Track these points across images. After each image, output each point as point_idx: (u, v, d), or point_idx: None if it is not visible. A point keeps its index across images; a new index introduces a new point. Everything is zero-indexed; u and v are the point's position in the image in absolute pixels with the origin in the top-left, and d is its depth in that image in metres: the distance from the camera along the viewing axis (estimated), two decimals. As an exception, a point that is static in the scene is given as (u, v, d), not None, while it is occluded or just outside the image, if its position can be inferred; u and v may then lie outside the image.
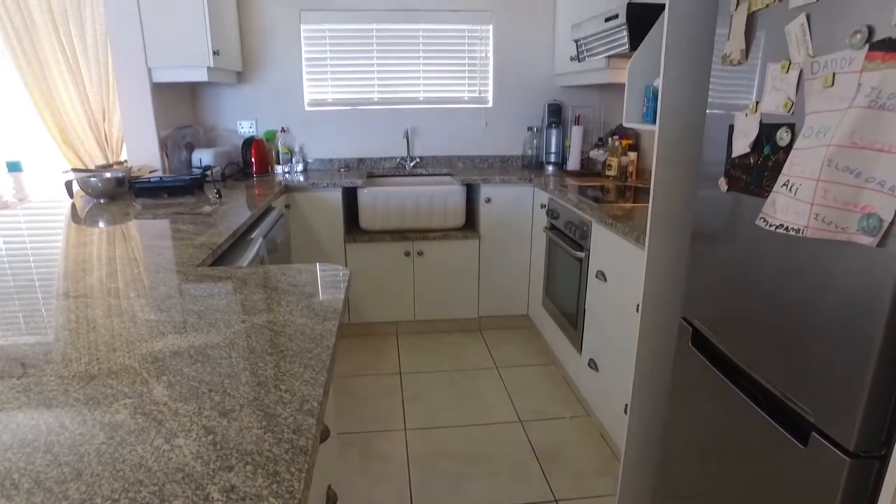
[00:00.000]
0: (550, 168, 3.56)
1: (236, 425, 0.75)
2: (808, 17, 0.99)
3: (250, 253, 1.97)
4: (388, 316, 3.30)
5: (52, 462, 0.67)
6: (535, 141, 3.62)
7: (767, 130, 1.11)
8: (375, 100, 3.61)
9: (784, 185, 1.01)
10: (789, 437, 1.07)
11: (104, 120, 3.35)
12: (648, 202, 1.60)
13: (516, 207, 3.21)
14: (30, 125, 3.46)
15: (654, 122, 2.08)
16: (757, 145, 1.14)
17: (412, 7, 3.46)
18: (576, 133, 3.41)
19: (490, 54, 3.61)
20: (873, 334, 0.89)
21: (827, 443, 0.99)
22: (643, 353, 1.71)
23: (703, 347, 1.40)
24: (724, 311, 1.30)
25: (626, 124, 2.23)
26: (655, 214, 1.60)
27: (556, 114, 3.54)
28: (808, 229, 0.95)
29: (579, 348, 2.52)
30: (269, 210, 2.62)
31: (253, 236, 2.18)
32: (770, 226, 1.04)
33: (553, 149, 3.56)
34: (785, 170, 1.02)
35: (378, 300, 3.27)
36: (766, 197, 1.09)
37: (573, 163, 3.43)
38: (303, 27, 3.43)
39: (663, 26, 1.56)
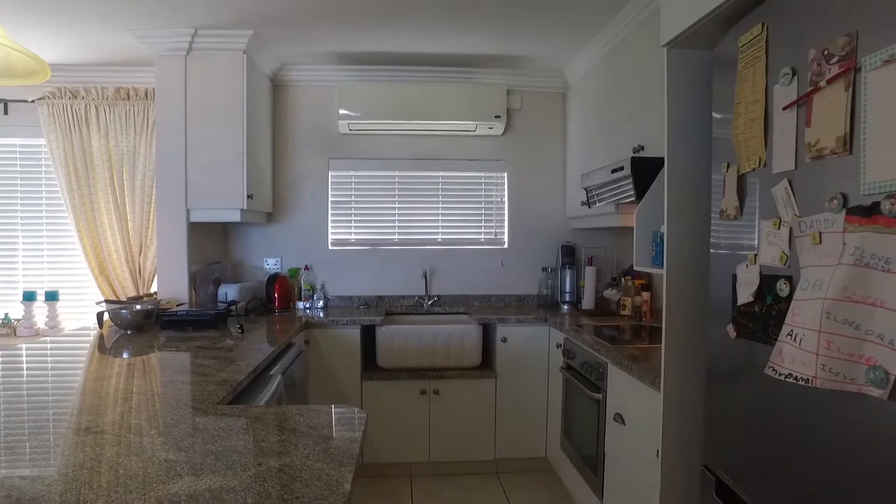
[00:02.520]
0: (566, 307, 3.61)
1: (247, 577, 0.74)
2: (790, 182, 1.10)
3: (269, 390, 1.99)
4: (403, 456, 3.19)
5: None
6: (549, 281, 3.73)
7: (768, 281, 1.17)
8: (396, 240, 3.80)
9: (788, 334, 1.05)
10: None
11: (140, 254, 3.55)
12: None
13: (532, 347, 3.22)
14: (70, 257, 3.67)
15: (662, 265, 2.16)
16: (759, 295, 1.19)
17: (432, 156, 3.77)
18: (589, 273, 3.51)
19: (505, 199, 3.85)
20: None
21: None
22: (667, 505, 1.63)
23: (730, 498, 1.34)
24: (747, 460, 1.27)
25: (636, 268, 2.31)
26: (669, 358, 1.62)
27: (569, 254, 3.68)
28: (817, 380, 0.97)
29: (600, 495, 2.39)
30: (289, 346, 2.67)
31: (272, 373, 2.21)
32: (779, 375, 1.06)
33: (568, 288, 3.64)
34: (788, 320, 1.06)
35: (393, 440, 3.18)
36: (774, 345, 1.12)
37: (588, 302, 3.49)
38: (331, 173, 3.73)
39: (664, 181, 1.70)
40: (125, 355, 2.19)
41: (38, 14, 2.75)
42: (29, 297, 3.54)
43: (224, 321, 2.91)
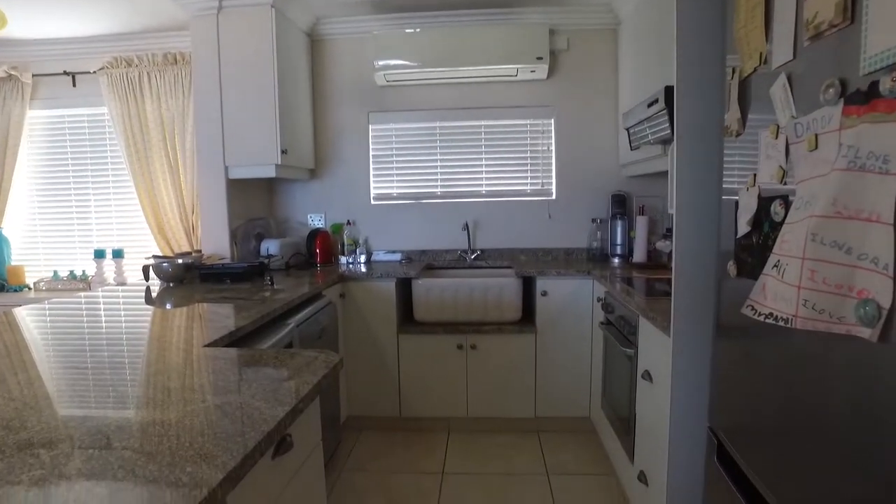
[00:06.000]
0: (616, 260, 3.38)
1: None
2: (788, 78, 0.88)
3: (276, 337, 2.00)
4: (440, 411, 3.16)
5: None
6: (599, 233, 3.49)
7: (766, 205, 0.96)
8: (438, 193, 3.70)
9: (775, 265, 0.85)
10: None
11: (192, 212, 3.69)
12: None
13: (574, 301, 3.04)
14: (134, 217, 3.89)
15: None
16: (757, 223, 0.99)
17: (474, 105, 3.60)
18: (640, 224, 3.25)
19: (553, 147, 3.62)
20: None
21: None
22: (675, 470, 1.47)
23: (731, 464, 1.17)
24: (751, 421, 1.08)
25: (671, 212, 2.08)
26: (679, 308, 1.43)
27: (620, 204, 3.42)
28: (797, 319, 0.78)
29: (632, 458, 2.23)
30: (316, 297, 2.67)
31: (289, 321, 2.22)
32: (759, 315, 0.87)
33: (618, 240, 3.39)
34: (775, 248, 0.86)
35: (430, 394, 3.15)
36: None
37: (639, 254, 3.24)
38: (371, 127, 3.67)
39: (674, 113, 1.48)
40: (168, 306, 2.27)
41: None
42: (99, 254, 3.80)
43: (260, 274, 2.97)
